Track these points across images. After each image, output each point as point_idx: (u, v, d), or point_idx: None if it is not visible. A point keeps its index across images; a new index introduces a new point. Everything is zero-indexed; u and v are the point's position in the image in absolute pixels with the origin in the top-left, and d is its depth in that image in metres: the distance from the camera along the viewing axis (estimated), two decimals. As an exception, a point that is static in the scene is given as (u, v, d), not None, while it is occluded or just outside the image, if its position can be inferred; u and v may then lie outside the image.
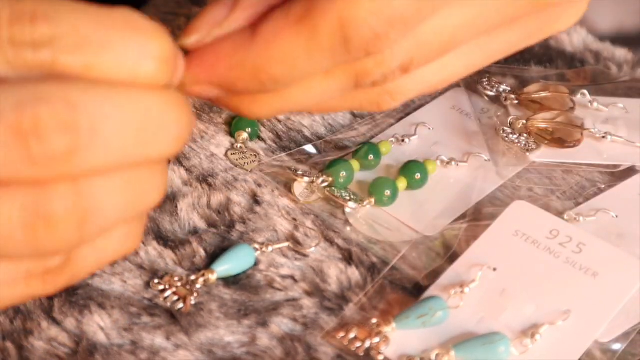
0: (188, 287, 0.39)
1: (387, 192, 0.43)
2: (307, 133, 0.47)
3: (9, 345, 0.36)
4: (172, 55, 0.28)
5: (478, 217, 0.43)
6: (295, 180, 0.44)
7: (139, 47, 0.27)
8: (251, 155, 0.45)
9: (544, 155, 0.46)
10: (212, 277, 0.39)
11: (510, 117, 0.48)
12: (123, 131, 0.27)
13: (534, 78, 0.52)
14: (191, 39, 0.31)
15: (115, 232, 0.30)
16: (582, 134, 0.47)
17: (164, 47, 0.28)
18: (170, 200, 0.43)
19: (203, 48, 0.31)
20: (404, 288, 0.39)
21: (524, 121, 0.47)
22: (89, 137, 0.26)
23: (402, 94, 0.34)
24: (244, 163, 0.45)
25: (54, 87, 0.26)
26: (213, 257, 0.40)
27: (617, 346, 0.37)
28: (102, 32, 0.27)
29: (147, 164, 0.28)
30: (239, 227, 0.42)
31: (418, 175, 0.44)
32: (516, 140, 0.47)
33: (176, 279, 0.39)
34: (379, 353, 0.36)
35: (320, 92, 0.32)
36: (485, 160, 0.46)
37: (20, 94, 0.26)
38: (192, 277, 0.39)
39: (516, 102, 0.49)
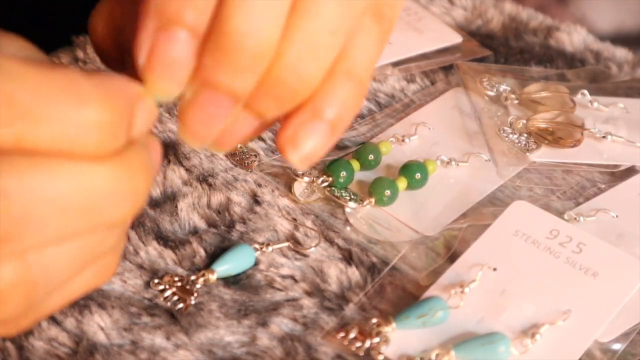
0: (188, 287, 0.39)
1: (387, 192, 0.43)
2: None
3: (9, 345, 0.36)
4: (118, 119, 0.26)
5: (478, 217, 0.43)
6: (295, 180, 0.44)
7: (77, 116, 0.25)
8: (251, 155, 0.45)
9: (544, 155, 0.46)
10: (212, 277, 0.39)
11: (511, 117, 0.48)
12: (63, 210, 0.25)
13: (534, 78, 0.52)
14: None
15: (82, 274, 0.28)
16: (582, 134, 0.47)
17: (106, 113, 0.26)
18: (170, 200, 0.43)
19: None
20: (404, 288, 0.39)
21: (524, 121, 0.47)
22: (23, 223, 0.25)
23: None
24: (244, 163, 0.45)
25: None
26: (213, 257, 0.40)
27: (617, 346, 0.37)
28: (37, 100, 0.25)
29: (100, 228, 0.27)
30: (239, 227, 0.42)
31: (418, 175, 0.44)
32: (516, 140, 0.47)
33: (176, 279, 0.39)
34: (379, 353, 0.36)
35: None
36: (486, 160, 0.46)
37: None
38: (192, 277, 0.39)
39: (516, 102, 0.49)
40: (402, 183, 0.43)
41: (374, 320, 0.37)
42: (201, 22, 0.28)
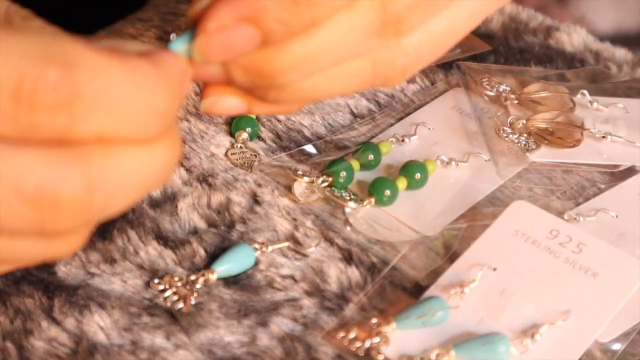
0: (188, 287, 0.39)
1: (387, 192, 0.43)
2: (307, 133, 0.47)
3: (9, 345, 0.36)
4: (176, 104, 0.28)
5: (478, 217, 0.43)
6: (295, 180, 0.44)
7: (147, 108, 0.27)
8: (251, 155, 0.45)
9: (544, 155, 0.46)
10: (212, 277, 0.39)
11: (510, 117, 0.48)
12: (132, 191, 0.28)
13: (534, 78, 0.52)
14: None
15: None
16: (582, 134, 0.47)
17: (169, 101, 0.28)
18: (170, 200, 0.43)
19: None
20: (404, 288, 0.39)
21: (524, 121, 0.47)
22: (102, 209, 0.27)
23: (415, 53, 0.33)
24: (244, 163, 0.45)
25: (74, 170, 0.26)
26: (213, 257, 0.40)
27: (617, 346, 0.37)
28: (116, 95, 0.26)
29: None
30: (239, 227, 0.42)
31: (418, 175, 0.44)
32: (516, 140, 0.47)
33: (176, 279, 0.39)
34: (379, 353, 0.36)
35: (346, 33, 0.31)
36: (485, 160, 0.46)
37: (40, 172, 0.26)
38: (192, 277, 0.39)
39: (516, 102, 0.49)
40: (402, 183, 0.43)
41: (374, 320, 0.37)
42: None
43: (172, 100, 0.28)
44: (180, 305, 0.38)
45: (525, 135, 0.47)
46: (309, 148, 0.46)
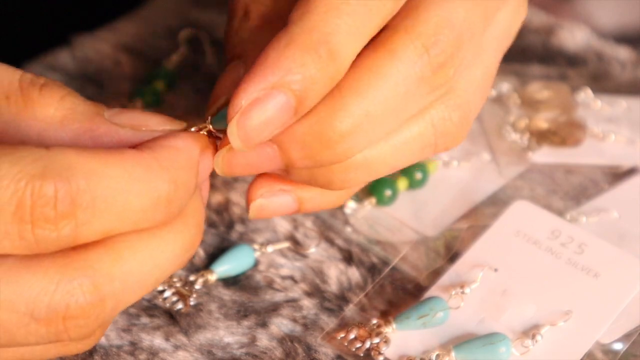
0: (187, 287, 0.38)
1: (388, 192, 0.42)
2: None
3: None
4: (184, 190, 0.29)
5: (479, 217, 0.42)
6: (295, 180, 0.43)
7: (150, 202, 0.28)
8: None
9: (546, 155, 0.46)
10: (212, 277, 0.39)
11: (512, 117, 0.48)
12: (144, 282, 0.29)
13: (536, 77, 0.51)
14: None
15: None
16: (584, 134, 0.46)
17: (173, 190, 0.28)
18: (169, 200, 0.42)
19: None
20: (404, 288, 0.39)
21: (526, 121, 0.47)
22: (116, 306, 0.29)
23: (467, 102, 0.34)
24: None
25: (82, 283, 0.27)
26: (212, 257, 0.40)
27: (618, 347, 0.37)
28: (115, 195, 0.27)
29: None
30: (239, 227, 0.41)
31: (419, 175, 0.44)
32: (518, 140, 0.46)
33: (175, 279, 0.39)
34: (379, 353, 0.36)
35: (398, 83, 0.31)
36: (487, 160, 0.46)
37: (51, 292, 0.27)
38: (192, 278, 0.39)
39: (518, 101, 0.49)
40: (402, 183, 0.43)
41: (374, 321, 0.37)
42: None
43: (175, 186, 0.28)
44: (180, 305, 0.38)
45: (527, 134, 0.47)
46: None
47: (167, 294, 0.38)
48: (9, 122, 0.28)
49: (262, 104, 0.29)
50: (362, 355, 0.36)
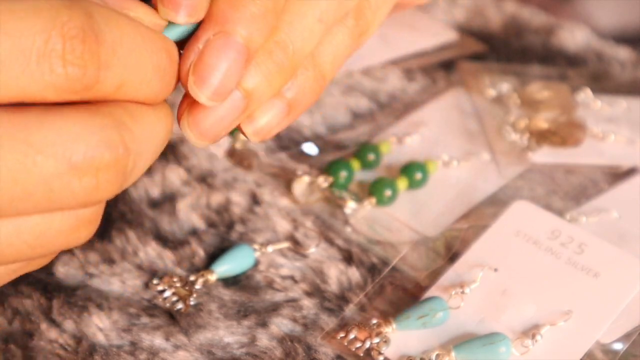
0: (187, 287, 0.38)
1: (388, 192, 0.42)
2: (307, 133, 0.47)
3: (11, 347, 0.36)
4: (173, 71, 0.29)
5: (479, 217, 0.43)
6: (295, 180, 0.43)
7: (155, 64, 0.28)
8: (251, 155, 0.45)
9: (546, 155, 0.46)
10: (212, 277, 0.39)
11: (512, 117, 0.48)
12: (152, 152, 0.29)
13: (536, 77, 0.52)
14: None
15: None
16: (584, 134, 0.46)
17: (170, 62, 0.29)
18: (169, 200, 0.42)
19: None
20: (404, 288, 0.39)
21: (526, 121, 0.47)
22: (134, 170, 0.28)
23: None
24: (244, 163, 0.45)
25: (113, 133, 0.27)
26: (212, 257, 0.40)
27: (618, 347, 0.37)
28: (131, 45, 0.27)
29: None
30: (239, 227, 0.41)
31: (419, 175, 0.44)
32: (518, 140, 0.46)
33: (175, 279, 0.39)
34: (379, 353, 0.36)
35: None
36: (487, 160, 0.46)
37: (87, 139, 0.27)
38: (192, 278, 0.39)
39: (518, 101, 0.49)
40: (402, 183, 0.43)
41: (374, 321, 0.37)
42: None
43: (170, 59, 0.29)
44: (180, 305, 0.38)
45: (527, 135, 0.47)
46: (309, 148, 0.46)
47: (167, 294, 0.38)
48: None
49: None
50: (362, 355, 0.36)
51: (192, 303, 0.38)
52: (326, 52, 0.34)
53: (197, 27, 0.30)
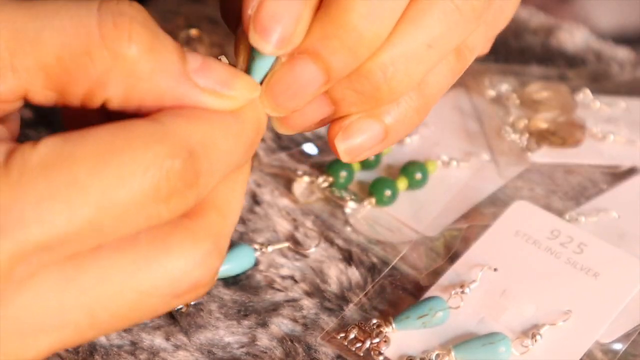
0: (187, 287, 0.38)
1: (388, 192, 0.42)
2: (307, 133, 0.47)
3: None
4: (258, 137, 0.30)
5: (479, 217, 0.43)
6: (295, 180, 0.43)
7: (245, 147, 0.29)
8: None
9: (545, 155, 0.46)
10: (212, 277, 0.39)
11: (512, 117, 0.48)
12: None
13: (535, 77, 0.52)
14: None
15: None
16: (583, 134, 0.47)
17: (255, 134, 0.29)
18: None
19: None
20: (404, 288, 0.39)
21: (525, 121, 0.47)
22: None
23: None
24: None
25: (212, 258, 0.28)
26: (213, 257, 0.40)
27: (618, 347, 0.37)
28: (227, 153, 0.28)
29: None
30: (239, 227, 0.42)
31: (419, 175, 0.44)
32: (517, 140, 0.47)
33: (176, 279, 0.39)
34: (379, 353, 0.36)
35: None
36: (487, 161, 0.46)
37: (189, 270, 0.28)
38: (192, 278, 0.39)
39: (517, 101, 0.49)
40: (402, 183, 0.43)
41: (374, 321, 0.37)
42: None
43: (258, 133, 0.29)
44: (180, 305, 0.38)
45: (526, 135, 0.47)
46: (309, 148, 0.46)
47: (168, 293, 0.38)
48: (95, 80, 0.27)
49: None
50: (362, 355, 0.36)
51: (192, 303, 0.38)
52: (432, 81, 0.33)
53: None
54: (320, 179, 0.43)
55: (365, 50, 0.30)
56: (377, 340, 0.36)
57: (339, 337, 0.37)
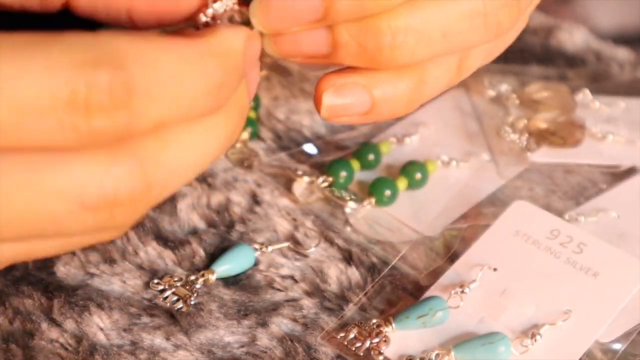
0: (187, 287, 0.39)
1: (387, 192, 0.43)
2: (307, 133, 0.47)
3: (12, 346, 0.36)
4: (230, 77, 0.28)
5: (478, 217, 0.43)
6: (295, 180, 0.43)
7: (202, 83, 0.27)
8: (251, 155, 0.45)
9: (545, 155, 0.46)
10: (212, 277, 0.39)
11: (511, 117, 0.48)
12: (188, 173, 0.28)
13: (535, 77, 0.52)
14: None
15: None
16: (583, 134, 0.47)
17: (224, 74, 0.27)
18: (169, 200, 0.42)
19: None
20: (404, 288, 0.39)
21: (525, 121, 0.47)
22: (161, 194, 0.27)
23: None
24: (244, 163, 0.45)
25: (131, 169, 0.26)
26: (213, 257, 0.40)
27: (617, 346, 0.37)
28: (168, 84, 0.26)
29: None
30: (239, 227, 0.42)
31: (418, 175, 0.44)
32: (517, 140, 0.47)
33: (176, 279, 0.39)
34: (379, 353, 0.36)
35: None
36: (486, 161, 0.46)
37: (100, 178, 0.26)
38: (192, 277, 0.39)
39: (517, 101, 0.49)
40: (402, 183, 0.43)
41: (374, 321, 0.37)
42: None
43: (226, 72, 0.27)
44: (180, 305, 0.38)
45: (526, 135, 0.47)
46: (309, 148, 0.46)
47: (168, 293, 0.38)
48: None
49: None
50: (361, 354, 0.36)
51: (192, 303, 0.38)
52: (434, 73, 0.33)
53: None
54: (320, 179, 0.43)
55: (373, 4, 0.29)
56: (376, 340, 0.36)
57: (338, 337, 0.37)
